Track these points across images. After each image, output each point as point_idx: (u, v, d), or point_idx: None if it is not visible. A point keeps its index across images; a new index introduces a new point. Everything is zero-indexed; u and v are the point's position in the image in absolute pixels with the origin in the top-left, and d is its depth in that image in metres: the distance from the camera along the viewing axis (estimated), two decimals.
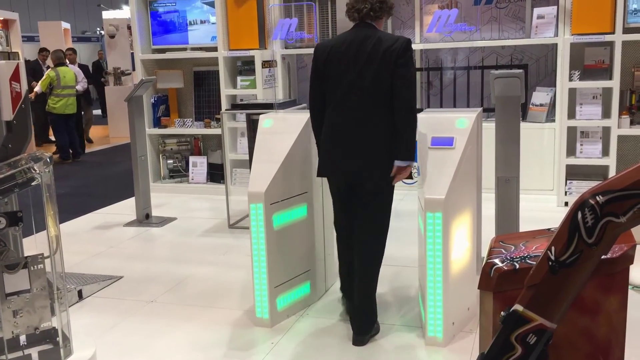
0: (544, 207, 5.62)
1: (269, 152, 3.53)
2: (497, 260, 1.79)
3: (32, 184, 2.62)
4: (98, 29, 27.10)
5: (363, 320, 3.30)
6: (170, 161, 7.08)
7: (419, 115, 3.40)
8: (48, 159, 2.63)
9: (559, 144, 5.80)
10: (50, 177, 2.60)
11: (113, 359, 3.24)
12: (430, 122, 3.41)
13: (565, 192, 5.78)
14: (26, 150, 3.10)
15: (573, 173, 5.82)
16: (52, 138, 10.75)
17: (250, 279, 3.58)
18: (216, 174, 6.84)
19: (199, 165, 6.96)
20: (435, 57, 6.76)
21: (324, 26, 6.70)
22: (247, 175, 5.81)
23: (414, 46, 3.25)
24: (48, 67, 10.76)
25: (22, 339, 2.67)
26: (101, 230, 5.68)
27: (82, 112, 11.39)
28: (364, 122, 3.15)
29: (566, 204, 5.74)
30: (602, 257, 1.51)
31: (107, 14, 13.84)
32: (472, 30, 6.28)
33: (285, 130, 3.61)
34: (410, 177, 3.25)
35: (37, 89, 9.75)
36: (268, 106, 4.85)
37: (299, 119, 3.66)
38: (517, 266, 1.74)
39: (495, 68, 6.33)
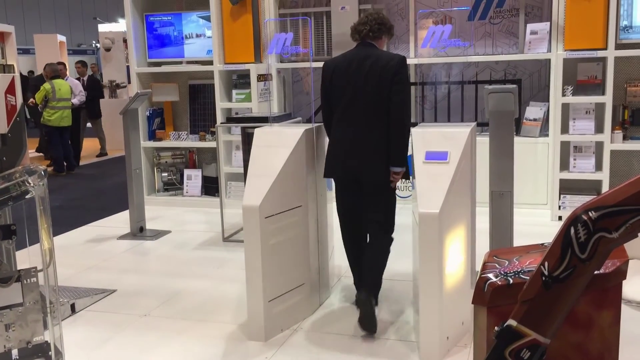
0: (538, 221, 5.63)
1: (263, 166, 3.53)
2: (490, 275, 1.79)
3: (26, 197, 2.61)
4: (94, 41, 27.18)
5: (370, 282, 3.52)
6: (165, 174, 7.08)
7: (414, 130, 3.50)
8: (42, 172, 2.63)
9: (553, 158, 5.82)
10: (44, 190, 2.59)
11: None
12: (424, 136, 3.44)
13: (559, 207, 5.80)
14: (21, 163, 3.09)
15: (567, 187, 5.84)
16: None
17: (244, 292, 3.57)
18: (211, 187, 6.84)
19: (193, 178, 6.96)
20: (430, 72, 6.80)
21: (319, 41, 6.74)
22: (241, 188, 5.80)
23: (408, 61, 3.45)
24: None
25: (14, 353, 2.65)
26: (95, 243, 5.66)
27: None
28: (364, 132, 3.48)
29: (560, 218, 5.76)
30: (595, 272, 1.51)
31: (103, 27, 13.86)
32: (466, 46, 6.33)
33: (280, 143, 3.62)
34: (407, 177, 3.59)
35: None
36: (263, 120, 4.87)
37: (294, 132, 3.67)
38: (511, 281, 1.75)
39: (489, 83, 6.39)
